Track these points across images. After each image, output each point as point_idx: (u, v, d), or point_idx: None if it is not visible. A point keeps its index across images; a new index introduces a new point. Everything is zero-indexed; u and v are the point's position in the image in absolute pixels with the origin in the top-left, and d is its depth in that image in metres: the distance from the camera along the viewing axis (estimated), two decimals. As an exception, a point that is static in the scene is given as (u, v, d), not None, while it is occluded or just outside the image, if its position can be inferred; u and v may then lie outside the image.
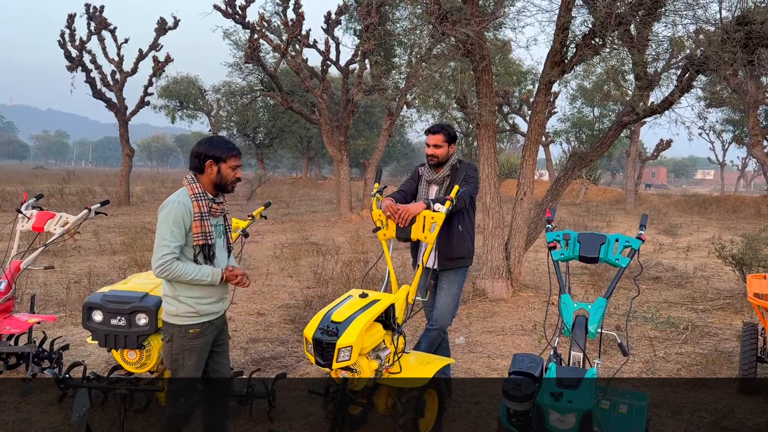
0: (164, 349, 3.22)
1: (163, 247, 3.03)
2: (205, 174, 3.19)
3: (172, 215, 3.06)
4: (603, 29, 6.86)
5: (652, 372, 5.36)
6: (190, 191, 3.15)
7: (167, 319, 3.18)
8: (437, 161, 4.40)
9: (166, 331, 3.19)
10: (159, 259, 3.03)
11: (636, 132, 27.31)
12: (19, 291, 6.83)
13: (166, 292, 3.17)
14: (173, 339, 3.15)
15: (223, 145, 3.22)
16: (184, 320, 3.15)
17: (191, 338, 3.15)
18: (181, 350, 3.15)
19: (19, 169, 66.11)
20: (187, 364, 3.16)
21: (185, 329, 3.14)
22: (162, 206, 3.11)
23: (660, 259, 11.80)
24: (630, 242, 3.47)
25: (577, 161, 8.65)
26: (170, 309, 3.16)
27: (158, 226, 3.08)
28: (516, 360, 3.16)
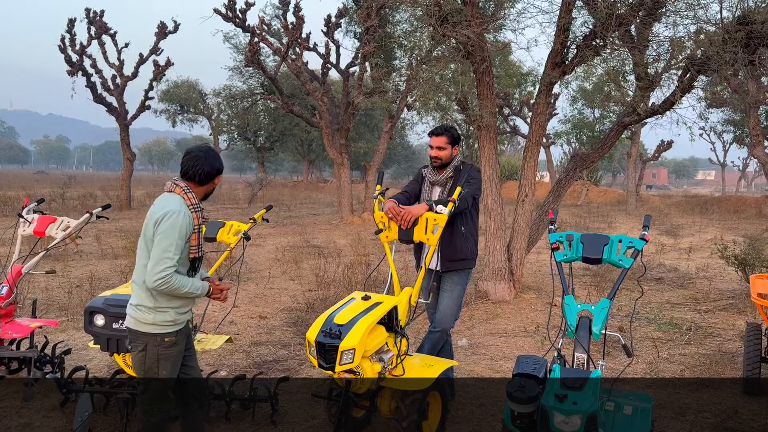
0: (135, 358, 3.08)
1: (166, 259, 2.92)
2: (205, 186, 3.18)
3: (178, 226, 2.96)
4: (604, 30, 6.85)
5: (656, 373, 5.34)
6: (187, 201, 3.07)
7: (140, 327, 3.04)
8: (441, 163, 4.39)
9: (138, 340, 3.06)
10: (161, 272, 2.91)
11: (637, 133, 27.31)
12: (21, 296, 6.82)
13: (143, 301, 3.03)
14: (147, 348, 3.04)
15: (219, 158, 3.27)
16: (161, 329, 3.04)
17: (167, 347, 3.07)
18: (156, 359, 3.05)
19: (21, 174, 66.20)
20: (162, 372, 3.06)
21: (161, 338, 3.04)
22: (165, 215, 2.97)
23: (662, 259, 11.78)
24: (633, 243, 3.46)
25: (578, 162, 8.64)
26: (146, 317, 3.03)
27: (161, 237, 2.95)
28: (520, 362, 3.15)
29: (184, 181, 3.14)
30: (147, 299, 3.03)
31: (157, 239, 2.96)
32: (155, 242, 2.96)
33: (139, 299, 3.05)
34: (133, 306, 3.07)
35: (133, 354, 3.10)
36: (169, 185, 3.12)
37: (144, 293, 3.04)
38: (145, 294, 3.03)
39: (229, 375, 5.02)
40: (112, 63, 21.45)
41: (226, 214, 21.03)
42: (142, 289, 3.05)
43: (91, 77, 20.78)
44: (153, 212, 3.03)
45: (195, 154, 3.13)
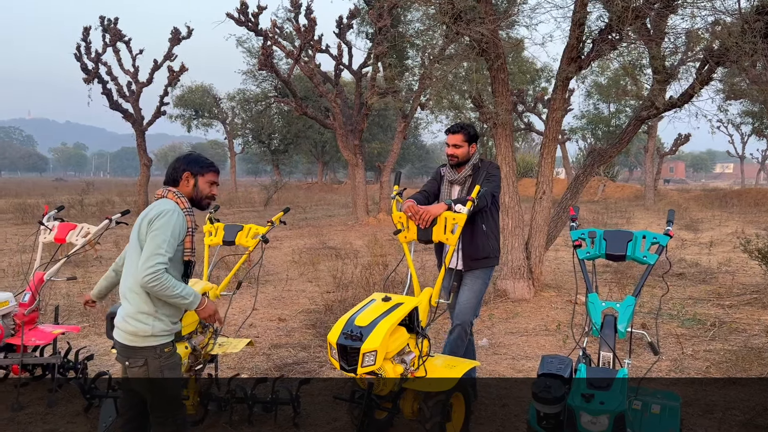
0: (136, 374, 2.96)
1: (158, 255, 2.83)
2: (181, 186, 3.11)
3: (172, 225, 2.91)
4: (620, 23, 6.77)
5: (681, 370, 5.26)
6: (181, 205, 3.03)
7: (138, 342, 2.92)
8: (457, 161, 4.35)
9: (137, 355, 2.93)
10: (152, 267, 2.80)
11: (654, 127, 27.03)
12: (43, 302, 6.88)
13: (140, 308, 2.91)
14: (147, 362, 2.92)
15: (202, 160, 3.19)
16: (159, 340, 2.95)
17: (167, 357, 2.99)
18: (160, 371, 2.95)
19: (40, 181, 67.07)
20: (168, 383, 3.00)
21: (160, 350, 2.95)
22: (160, 213, 2.93)
23: (683, 254, 11.64)
24: (658, 239, 3.40)
25: (596, 158, 8.55)
26: (144, 329, 2.90)
27: (155, 234, 2.88)
28: (544, 362, 3.11)
29: (173, 188, 3.12)
30: (144, 305, 2.91)
31: (150, 236, 2.89)
32: (148, 239, 2.89)
33: (136, 307, 2.92)
34: (129, 317, 2.92)
35: (132, 371, 2.97)
36: (161, 192, 3.10)
37: (140, 300, 2.92)
38: (142, 300, 2.92)
39: (250, 377, 5.02)
40: (127, 70, 21.61)
41: (242, 217, 21.13)
42: (137, 296, 2.93)
43: (106, 84, 20.96)
44: (146, 213, 2.99)
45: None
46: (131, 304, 2.94)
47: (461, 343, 4.29)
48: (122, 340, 2.96)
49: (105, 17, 20.97)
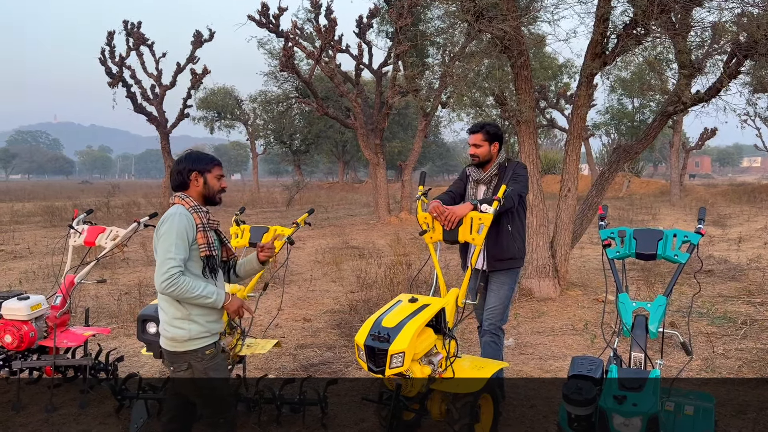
0: (183, 379, 2.99)
1: (169, 260, 2.86)
2: (191, 188, 3.11)
3: (175, 228, 2.93)
4: (645, 18, 6.67)
5: (712, 370, 5.17)
6: (186, 206, 3.04)
7: (178, 347, 2.96)
8: (479, 161, 4.32)
9: (180, 359, 2.97)
10: (166, 272, 2.84)
11: (679, 122, 26.62)
12: (74, 304, 7.00)
13: (174, 314, 2.96)
14: (192, 366, 2.97)
15: (203, 156, 3.18)
16: (198, 343, 2.97)
17: (210, 359, 3.01)
18: (204, 373, 2.99)
19: (66, 184, 68.25)
20: (215, 384, 3.03)
21: (201, 352, 2.98)
22: (161, 222, 2.97)
23: (711, 251, 11.44)
24: (689, 237, 3.34)
25: (621, 154, 8.44)
26: (181, 334, 2.94)
27: (160, 241, 2.92)
28: (575, 363, 3.07)
29: (180, 192, 3.13)
30: (175, 311, 2.96)
31: (159, 243, 2.94)
32: (157, 248, 2.94)
33: (170, 313, 2.97)
34: (166, 324, 2.99)
35: (176, 375, 3.01)
36: (170, 200, 3.13)
37: (172, 306, 2.97)
38: (174, 306, 2.96)
39: (278, 378, 5.05)
40: (151, 73, 21.88)
41: (265, 217, 21.27)
42: (168, 303, 2.98)
43: (130, 88, 21.24)
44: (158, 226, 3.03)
45: (171, 169, 3.19)
46: (165, 312, 3.00)
47: (495, 347, 4.28)
48: (165, 346, 3.03)
49: (128, 21, 21.26)
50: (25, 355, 4.64)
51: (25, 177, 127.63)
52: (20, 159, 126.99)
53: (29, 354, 4.66)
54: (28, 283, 9.34)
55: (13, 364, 4.57)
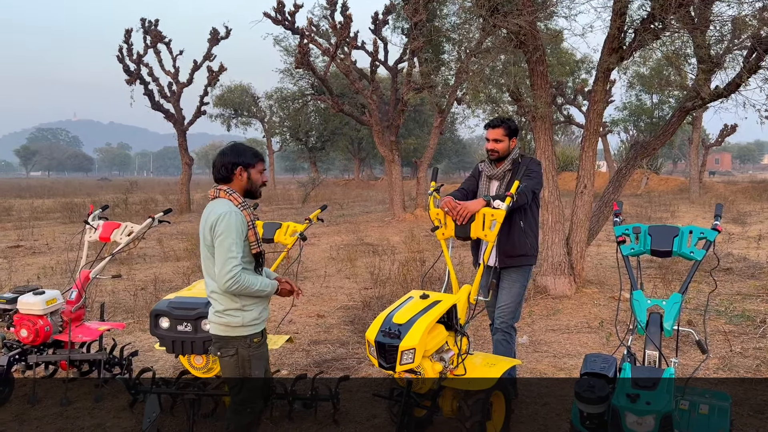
0: (227, 363, 3.10)
1: (231, 259, 2.94)
2: (235, 182, 3.14)
3: (234, 226, 2.97)
4: (663, 12, 6.57)
5: (730, 369, 5.09)
6: (234, 202, 3.07)
7: (229, 332, 3.06)
8: (498, 156, 4.29)
9: (228, 345, 3.07)
10: (230, 272, 2.93)
11: (698, 118, 26.26)
12: (89, 299, 7.08)
13: (228, 306, 3.05)
14: (238, 351, 3.07)
15: (249, 150, 3.20)
16: (249, 330, 3.07)
17: (256, 347, 3.11)
18: (249, 360, 3.09)
19: (85, 181, 69.06)
20: (255, 373, 3.11)
21: (250, 339, 3.08)
22: (218, 218, 2.98)
23: (730, 249, 11.27)
24: (705, 234, 3.29)
25: (639, 151, 8.34)
26: (234, 321, 3.04)
27: (221, 239, 2.96)
28: (588, 361, 3.03)
29: (224, 185, 3.15)
30: (231, 302, 3.04)
31: (217, 243, 2.98)
32: (216, 246, 2.98)
33: (225, 305, 3.05)
34: (219, 313, 3.07)
35: (223, 360, 3.11)
36: (213, 192, 3.14)
37: (226, 299, 3.05)
38: (228, 298, 3.04)
39: (290, 374, 5.06)
40: (168, 70, 22.05)
41: (280, 214, 21.35)
42: (222, 296, 3.06)
43: (148, 85, 21.43)
44: (206, 219, 3.06)
45: (213, 161, 3.19)
46: (219, 303, 3.07)
47: (507, 345, 4.26)
48: (216, 331, 3.11)
49: (146, 19, 21.43)
50: (41, 349, 4.69)
51: (45, 174, 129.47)
52: (40, 156, 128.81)
53: (45, 348, 4.71)
54: (46, 278, 9.46)
55: (29, 358, 4.63)
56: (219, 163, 3.14)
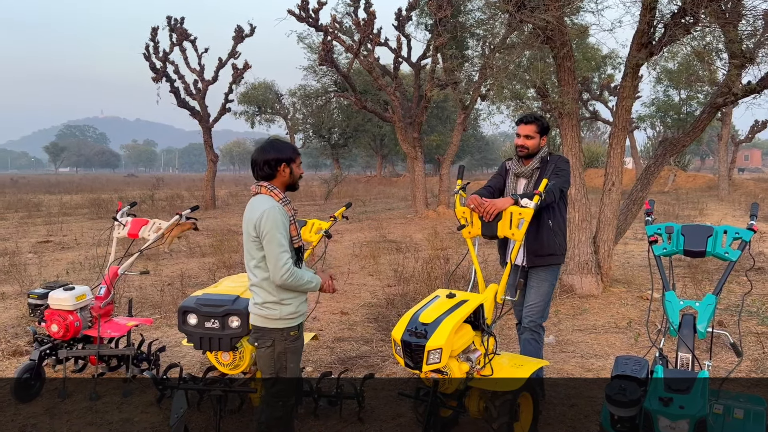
0: (263, 354, 3.18)
1: (284, 253, 3.03)
2: (278, 178, 3.20)
3: (279, 221, 3.05)
4: (694, 6, 6.43)
5: (763, 371, 4.97)
6: (275, 198, 3.14)
7: (268, 324, 3.15)
8: (527, 152, 4.23)
9: (266, 336, 3.16)
10: (284, 266, 3.02)
11: (728, 114, 25.75)
12: (118, 295, 7.17)
13: (266, 299, 3.13)
14: (275, 343, 3.15)
15: (288, 146, 3.26)
16: (287, 323, 3.15)
17: (293, 340, 3.18)
18: (284, 353, 3.16)
19: (112, 177, 70.10)
20: (289, 366, 3.17)
21: (287, 332, 3.16)
22: (263, 215, 3.04)
23: (762, 248, 11.03)
24: (740, 233, 3.21)
25: (667, 148, 8.19)
26: (272, 314, 3.13)
27: (269, 236, 3.02)
28: (618, 363, 2.98)
29: (266, 182, 3.20)
30: (270, 295, 3.12)
31: (266, 240, 3.04)
32: (266, 244, 3.05)
33: (263, 297, 3.14)
34: (258, 305, 3.17)
35: (259, 351, 3.20)
36: (255, 188, 3.20)
37: (265, 291, 3.13)
38: (266, 291, 3.13)
39: (314, 372, 5.07)
40: (194, 68, 22.23)
41: (303, 211, 21.43)
42: (261, 289, 3.15)
43: (174, 83, 21.63)
44: (249, 216, 3.11)
45: (252, 158, 3.24)
46: (259, 296, 3.18)
47: (535, 344, 4.22)
48: (256, 322, 3.21)
49: (172, 17, 21.63)
50: (71, 344, 4.76)
51: (73, 170, 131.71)
52: (68, 152, 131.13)
53: (74, 343, 4.78)
54: (75, 273, 9.62)
55: (59, 352, 4.70)
56: (261, 161, 3.18)
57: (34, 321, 4.90)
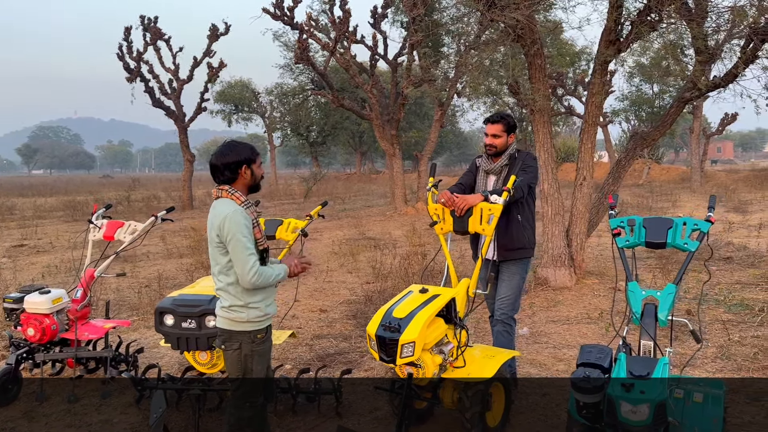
0: (229, 357, 3.19)
1: (250, 257, 3.03)
2: (239, 181, 3.18)
3: (242, 224, 3.04)
4: (659, 4, 6.60)
5: (728, 357, 5.15)
6: (237, 201, 3.12)
7: (234, 327, 3.15)
8: (495, 151, 4.34)
9: (233, 339, 3.16)
10: (251, 267, 3.02)
11: (699, 107, 26.22)
12: (95, 297, 7.15)
13: (233, 303, 3.13)
14: (241, 346, 3.15)
15: (246, 147, 3.23)
16: (254, 326, 3.15)
17: (259, 343, 3.19)
18: (251, 355, 3.16)
19: (87, 179, 69.15)
20: (256, 368, 3.18)
21: (254, 335, 3.16)
22: (224, 219, 3.04)
23: (730, 238, 11.31)
24: (698, 225, 3.34)
25: (638, 141, 8.38)
26: (239, 317, 3.13)
27: (233, 240, 3.02)
28: (583, 351, 3.09)
29: (226, 186, 3.19)
30: (236, 299, 3.13)
31: (230, 245, 3.04)
32: (231, 248, 3.04)
33: (230, 301, 3.14)
34: (225, 309, 3.17)
35: (227, 353, 3.20)
36: (216, 192, 3.19)
37: (231, 296, 3.13)
38: (233, 296, 3.13)
39: (294, 369, 5.14)
40: (168, 68, 22.08)
41: (283, 209, 21.41)
42: (227, 293, 3.14)
43: (148, 83, 21.46)
44: (212, 221, 3.12)
45: (211, 162, 3.21)
46: (226, 299, 3.18)
47: (507, 336, 4.33)
48: (222, 325, 3.21)
49: (145, 17, 21.45)
50: (48, 347, 4.77)
51: (47, 172, 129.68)
52: (42, 154, 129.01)
53: (52, 346, 4.79)
54: (51, 276, 9.55)
55: (36, 356, 4.71)
56: (221, 165, 3.15)
57: (10, 325, 4.90)
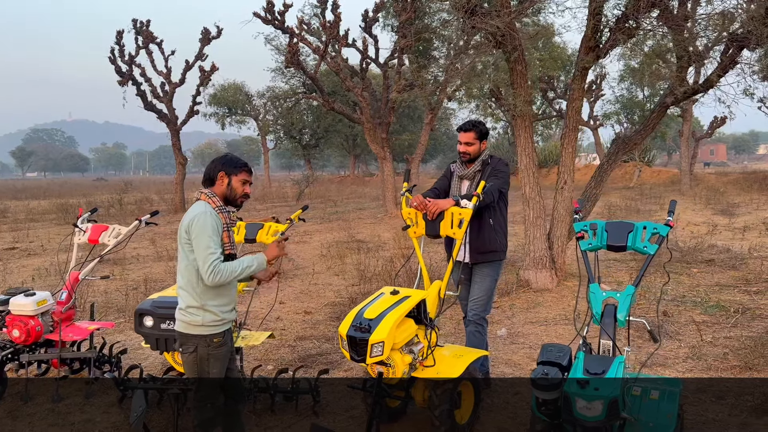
0: (186, 360, 3.26)
1: (210, 255, 3.11)
2: (216, 186, 3.33)
3: (209, 225, 3.15)
4: (635, 12, 6.75)
5: (698, 357, 5.28)
6: (212, 204, 3.26)
7: (190, 330, 3.23)
8: (469, 158, 4.50)
9: (189, 342, 3.24)
10: (210, 264, 3.09)
11: (688, 110, 26.41)
12: (81, 300, 7.25)
13: (190, 303, 3.22)
14: (197, 349, 3.22)
15: (235, 160, 3.40)
16: (209, 329, 3.22)
17: (216, 347, 3.25)
18: (207, 359, 3.23)
19: (81, 182, 69.00)
20: (212, 371, 3.26)
21: (209, 339, 3.23)
22: (193, 219, 3.16)
23: (714, 240, 11.47)
24: (658, 229, 3.47)
25: (620, 145, 8.52)
26: (194, 320, 3.21)
27: (197, 239, 3.13)
28: (544, 350, 3.22)
29: (207, 188, 3.35)
30: (193, 300, 3.21)
31: (194, 243, 3.15)
32: (194, 245, 3.15)
33: (186, 302, 3.23)
34: (181, 310, 3.26)
35: (183, 356, 3.28)
36: (196, 194, 3.34)
37: (188, 295, 3.23)
38: (189, 295, 3.22)
39: (275, 369, 5.24)
40: (160, 71, 22.12)
41: (275, 212, 21.50)
42: (185, 292, 3.24)
43: (140, 86, 21.50)
44: (183, 220, 3.24)
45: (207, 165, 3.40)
46: (182, 299, 3.27)
47: (479, 336, 4.46)
48: (178, 328, 3.30)
49: (137, 20, 21.51)
50: (33, 348, 4.87)
51: (41, 175, 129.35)
52: (36, 157, 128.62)
53: (37, 347, 4.89)
54: (41, 279, 9.63)
55: (21, 357, 4.80)
56: (207, 168, 3.38)
57: (-4, 327, 4.99)
